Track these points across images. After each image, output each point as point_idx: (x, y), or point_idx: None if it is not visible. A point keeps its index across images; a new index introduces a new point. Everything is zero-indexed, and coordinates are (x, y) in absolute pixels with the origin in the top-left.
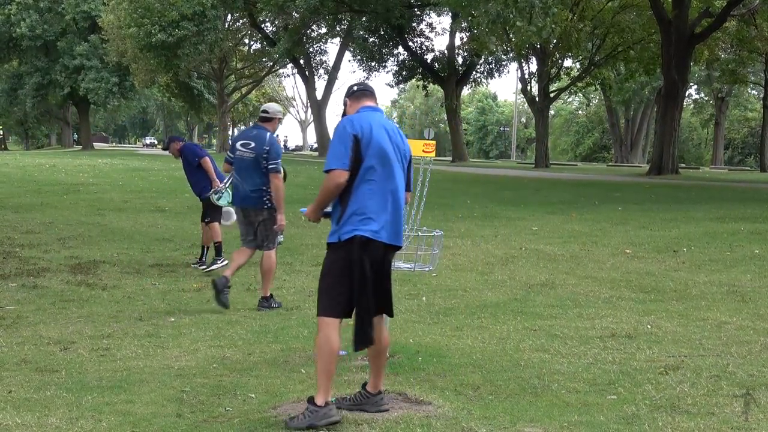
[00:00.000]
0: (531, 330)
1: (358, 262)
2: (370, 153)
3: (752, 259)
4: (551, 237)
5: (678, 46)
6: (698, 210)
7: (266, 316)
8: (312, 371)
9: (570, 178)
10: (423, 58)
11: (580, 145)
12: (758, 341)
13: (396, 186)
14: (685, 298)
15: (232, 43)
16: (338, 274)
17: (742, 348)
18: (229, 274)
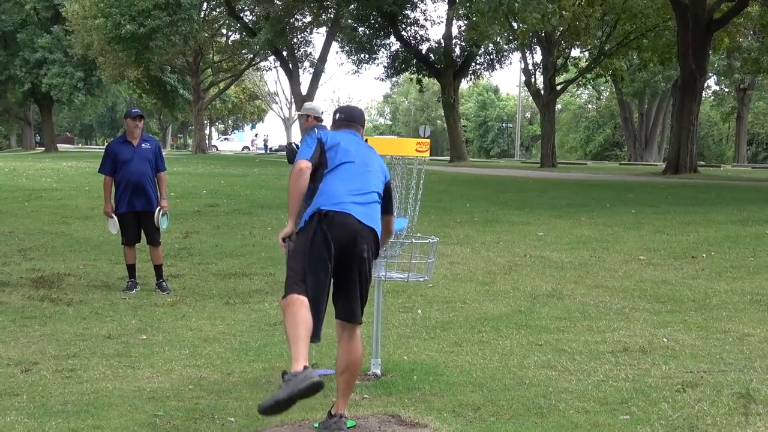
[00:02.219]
0: (536, 345)
1: (319, 234)
2: (337, 155)
3: None
4: (558, 243)
5: (696, 32)
6: (719, 212)
7: (247, 332)
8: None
9: (579, 178)
10: (417, 48)
11: (589, 143)
12: None
13: (367, 183)
14: (704, 309)
15: (209, 34)
16: (299, 252)
17: (766, 362)
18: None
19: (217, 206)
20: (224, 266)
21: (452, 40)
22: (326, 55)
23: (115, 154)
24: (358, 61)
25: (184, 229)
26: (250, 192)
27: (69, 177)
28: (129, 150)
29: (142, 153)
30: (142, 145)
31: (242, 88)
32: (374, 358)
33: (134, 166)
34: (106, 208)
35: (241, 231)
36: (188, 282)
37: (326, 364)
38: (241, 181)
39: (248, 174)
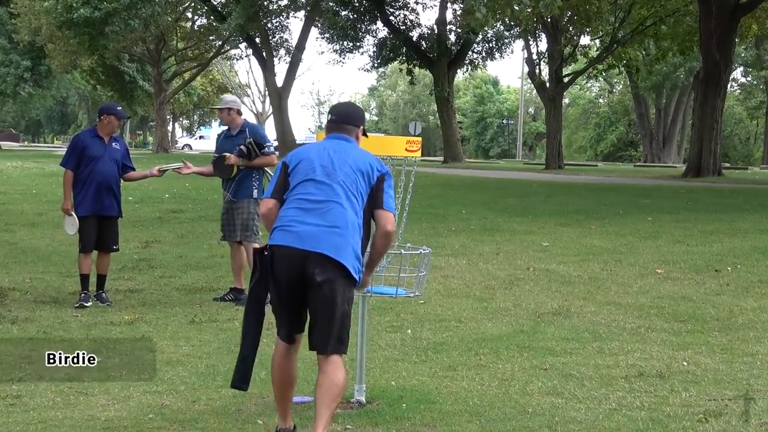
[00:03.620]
0: (540, 369)
1: (257, 275)
2: (297, 174)
3: None
4: (565, 254)
5: (720, 18)
6: (746, 220)
7: (215, 354)
8: (272, 422)
9: (589, 181)
10: (407, 35)
11: (601, 141)
12: None
13: (328, 194)
14: (729, 329)
15: (173, 18)
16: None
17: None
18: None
19: (181, 212)
20: (189, 280)
21: (446, 26)
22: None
23: (83, 148)
24: (340, 50)
25: (144, 238)
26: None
27: (13, 179)
28: (100, 147)
29: (113, 153)
30: (112, 144)
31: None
32: (358, 384)
33: (104, 166)
34: (66, 205)
35: (208, 240)
36: (148, 297)
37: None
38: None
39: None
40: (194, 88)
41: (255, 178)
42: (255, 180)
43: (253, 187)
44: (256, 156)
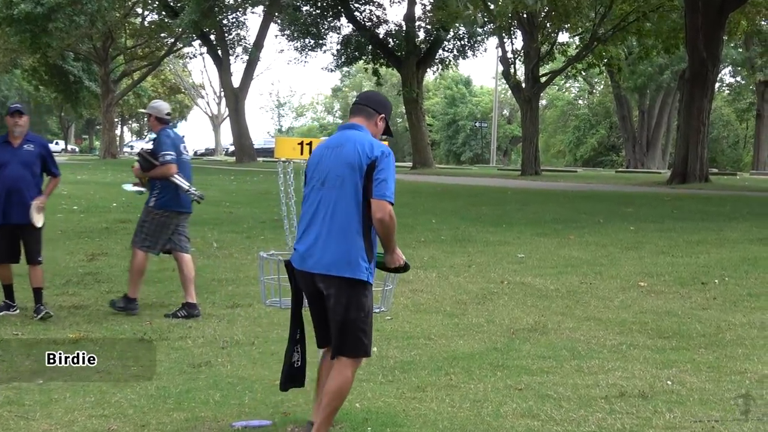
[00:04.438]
0: (515, 389)
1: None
2: (307, 183)
3: None
4: (542, 267)
5: (707, 14)
6: (734, 229)
7: (166, 375)
8: None
9: (567, 188)
10: (373, 32)
11: (580, 146)
12: None
13: (317, 202)
14: (716, 345)
15: (121, 14)
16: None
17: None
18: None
19: (129, 222)
20: (138, 295)
21: (415, 23)
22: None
23: None
24: (302, 48)
25: (90, 250)
26: None
27: None
28: (6, 152)
29: (23, 156)
30: (23, 147)
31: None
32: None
33: (10, 171)
34: None
35: None
36: (94, 314)
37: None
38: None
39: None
40: (144, 89)
41: (157, 187)
42: (156, 190)
43: (152, 197)
44: (153, 166)
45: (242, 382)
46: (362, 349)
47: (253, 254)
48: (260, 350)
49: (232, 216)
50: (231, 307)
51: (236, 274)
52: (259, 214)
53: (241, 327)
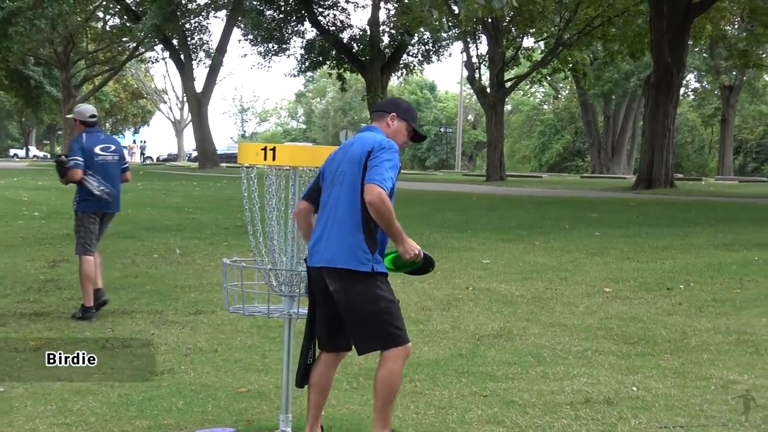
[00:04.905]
0: (480, 396)
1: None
2: (321, 179)
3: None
4: (507, 272)
5: (672, 19)
6: (699, 235)
7: (129, 383)
8: None
9: (533, 194)
10: (337, 37)
11: (545, 151)
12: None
13: (335, 199)
14: (681, 351)
15: (82, 18)
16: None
17: (756, 414)
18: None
19: None
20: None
21: (380, 27)
22: (226, 44)
23: None
24: (265, 52)
25: (51, 257)
26: (132, 211)
27: None
28: None
29: None
30: None
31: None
32: (283, 414)
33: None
34: None
35: (121, 259)
36: (56, 322)
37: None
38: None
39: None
40: (106, 94)
41: (77, 191)
42: (77, 193)
43: (74, 200)
44: (65, 172)
45: (205, 390)
46: (393, 339)
47: (216, 261)
48: (224, 357)
49: (194, 222)
50: (194, 313)
51: (199, 280)
52: (222, 220)
53: (204, 334)
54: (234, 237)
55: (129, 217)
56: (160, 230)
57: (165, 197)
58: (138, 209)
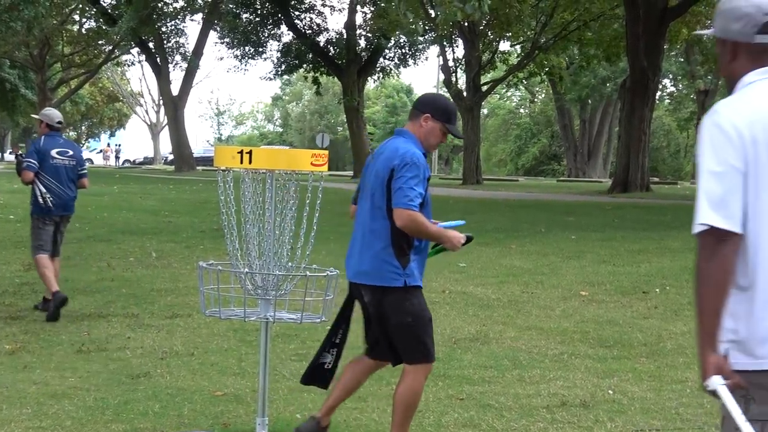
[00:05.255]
0: (456, 399)
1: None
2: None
3: None
4: (484, 276)
5: (648, 23)
6: (675, 238)
7: (104, 386)
8: None
9: (509, 197)
10: (314, 40)
11: (522, 155)
12: None
13: (360, 212)
14: (657, 354)
15: (58, 21)
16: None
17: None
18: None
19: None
20: (76, 305)
21: (356, 31)
22: (202, 47)
23: None
24: (241, 56)
25: (27, 260)
26: (108, 214)
27: None
28: None
29: None
30: None
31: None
32: (260, 417)
33: None
34: None
35: (97, 262)
36: (31, 325)
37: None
38: (98, 201)
39: (106, 192)
40: (82, 97)
41: (32, 193)
42: (32, 195)
43: (30, 202)
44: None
45: (181, 393)
46: (418, 355)
47: (192, 264)
48: (200, 361)
49: (171, 225)
50: (170, 317)
51: (175, 284)
52: (198, 224)
53: (181, 337)
54: (210, 240)
55: (105, 221)
56: (137, 233)
57: (141, 200)
58: (114, 212)
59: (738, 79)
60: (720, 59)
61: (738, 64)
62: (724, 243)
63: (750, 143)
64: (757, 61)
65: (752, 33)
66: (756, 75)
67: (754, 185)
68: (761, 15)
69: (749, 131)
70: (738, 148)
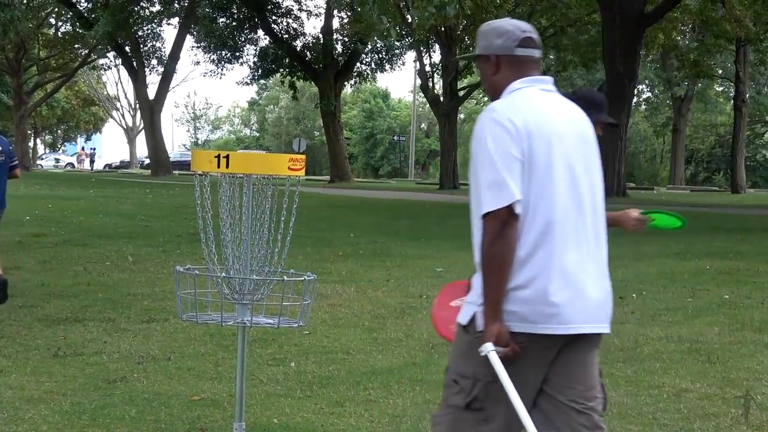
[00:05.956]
0: (434, 404)
1: None
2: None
3: (720, 307)
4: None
5: (624, 28)
6: (651, 243)
7: (80, 391)
8: None
9: None
10: (290, 45)
11: None
12: (728, 414)
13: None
14: (634, 359)
15: (34, 25)
16: None
17: (708, 423)
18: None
19: (43, 236)
20: (52, 309)
21: (333, 36)
22: (179, 51)
23: None
24: (218, 60)
25: (2, 264)
26: (84, 218)
27: None
28: None
29: None
30: None
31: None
32: (237, 422)
33: None
34: None
35: (73, 266)
36: (7, 329)
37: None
38: (74, 205)
39: (82, 196)
40: (58, 101)
41: None
42: None
43: None
44: None
45: (158, 398)
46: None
47: (169, 268)
48: (176, 365)
49: (147, 229)
50: (147, 321)
51: (152, 288)
52: (175, 228)
53: (157, 342)
54: (187, 245)
55: (81, 225)
56: (113, 238)
57: (117, 204)
58: (90, 216)
59: (503, 88)
60: (483, 75)
61: (502, 75)
62: (506, 226)
63: (525, 136)
64: (519, 71)
65: (513, 47)
66: (521, 83)
67: (528, 173)
68: (519, 32)
69: (524, 126)
70: (516, 140)
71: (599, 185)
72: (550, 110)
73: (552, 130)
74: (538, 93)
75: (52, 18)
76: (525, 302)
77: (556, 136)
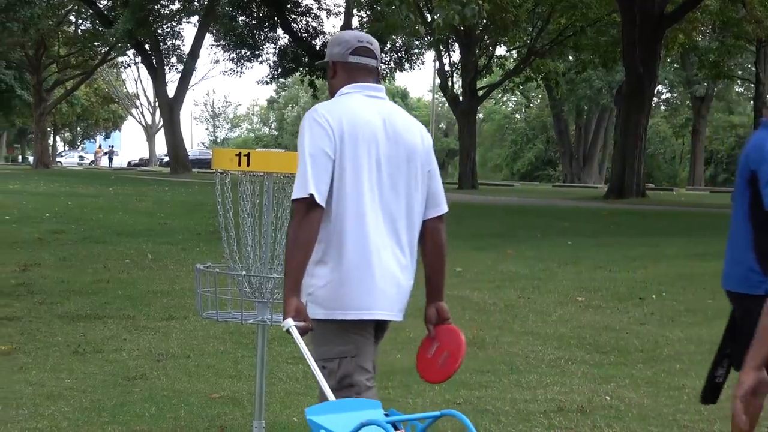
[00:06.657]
0: (453, 404)
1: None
2: None
3: None
4: (480, 281)
5: (644, 29)
6: (671, 244)
7: (100, 388)
8: None
9: (505, 202)
10: (310, 43)
11: (517, 160)
12: None
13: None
14: (654, 360)
15: (54, 22)
16: None
17: (728, 424)
18: None
19: (63, 233)
20: (72, 307)
21: None
22: (198, 49)
23: None
24: (237, 58)
25: (22, 261)
26: (103, 216)
27: None
28: None
29: None
30: None
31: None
32: (257, 420)
33: None
34: None
35: (92, 264)
36: (27, 326)
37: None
38: (93, 202)
39: (101, 194)
40: (77, 98)
41: None
42: None
43: None
44: None
45: (178, 396)
46: None
47: (188, 266)
48: (196, 363)
49: (166, 227)
50: (166, 319)
51: (171, 286)
52: (194, 226)
53: (177, 339)
54: (206, 243)
55: (100, 222)
56: (132, 235)
57: (137, 202)
58: (109, 214)
59: (337, 90)
60: (328, 78)
61: (337, 79)
62: (312, 211)
63: (338, 137)
64: (350, 77)
65: (347, 54)
66: (350, 88)
67: (339, 171)
68: (355, 41)
69: (339, 127)
70: (331, 139)
71: (417, 190)
72: (369, 115)
73: (366, 132)
74: (361, 98)
75: (72, 16)
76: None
77: (370, 138)
